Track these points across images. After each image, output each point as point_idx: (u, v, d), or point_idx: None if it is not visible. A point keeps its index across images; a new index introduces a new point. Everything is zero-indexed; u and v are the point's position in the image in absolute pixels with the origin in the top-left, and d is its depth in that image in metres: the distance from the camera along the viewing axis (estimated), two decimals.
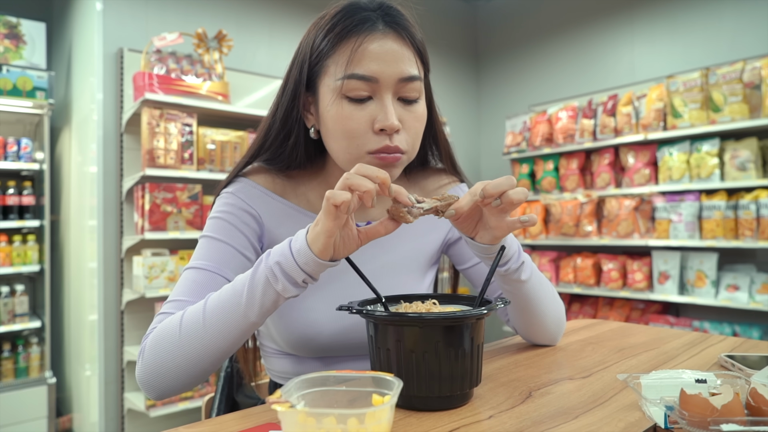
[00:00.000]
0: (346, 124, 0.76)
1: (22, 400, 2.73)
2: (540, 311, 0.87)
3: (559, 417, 0.61)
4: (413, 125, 0.79)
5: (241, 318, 0.67)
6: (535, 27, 4.19)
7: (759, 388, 0.51)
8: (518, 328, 0.94)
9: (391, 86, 0.76)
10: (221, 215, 0.82)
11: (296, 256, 0.65)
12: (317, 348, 0.84)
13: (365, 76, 0.75)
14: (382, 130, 0.75)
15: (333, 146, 0.80)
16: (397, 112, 0.77)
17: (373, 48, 0.75)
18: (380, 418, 0.44)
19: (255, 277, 0.67)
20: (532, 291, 0.83)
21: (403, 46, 0.77)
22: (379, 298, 0.70)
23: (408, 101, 0.78)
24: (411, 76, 0.77)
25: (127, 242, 2.60)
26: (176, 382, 0.70)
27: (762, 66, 2.73)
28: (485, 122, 4.57)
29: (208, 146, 2.71)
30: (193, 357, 0.69)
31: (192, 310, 0.70)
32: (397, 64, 0.76)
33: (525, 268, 0.81)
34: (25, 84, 2.77)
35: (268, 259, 0.67)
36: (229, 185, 0.85)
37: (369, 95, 0.76)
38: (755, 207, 2.73)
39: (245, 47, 3.15)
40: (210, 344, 0.68)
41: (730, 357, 0.80)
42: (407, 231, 0.91)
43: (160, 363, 0.69)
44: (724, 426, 0.46)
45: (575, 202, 3.48)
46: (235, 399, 0.99)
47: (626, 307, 3.39)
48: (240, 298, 0.67)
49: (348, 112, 0.76)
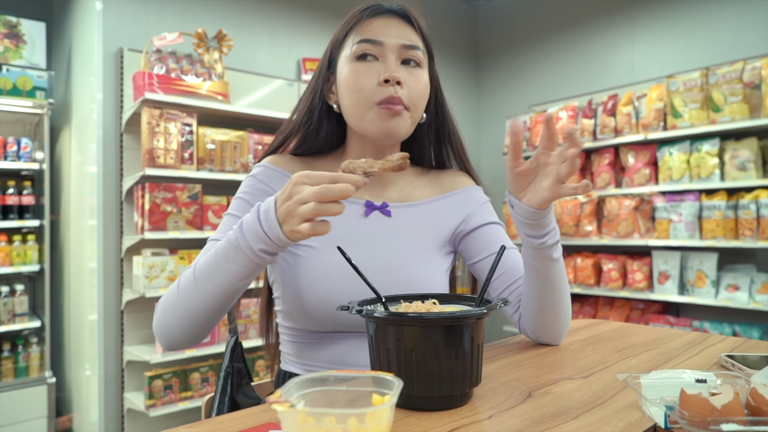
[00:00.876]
0: (357, 78, 0.88)
1: (22, 399, 2.73)
2: (558, 299, 0.88)
3: (559, 417, 0.61)
4: (414, 86, 0.89)
5: (223, 278, 0.74)
6: (535, 27, 4.19)
7: (759, 388, 0.51)
8: (529, 320, 0.92)
9: (395, 50, 0.89)
10: (242, 195, 0.92)
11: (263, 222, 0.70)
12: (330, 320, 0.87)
13: (372, 39, 0.88)
14: (386, 81, 0.86)
15: (346, 104, 0.91)
16: (400, 73, 0.88)
17: (380, 22, 0.90)
18: (380, 417, 0.44)
19: (229, 239, 0.74)
20: (557, 275, 0.86)
21: (408, 27, 0.91)
22: (379, 298, 0.70)
23: (409, 63, 0.90)
24: (412, 44, 0.90)
25: (126, 242, 2.60)
26: (181, 335, 0.80)
27: (762, 66, 2.73)
28: (485, 122, 4.56)
29: (208, 146, 2.71)
30: (191, 313, 0.78)
31: (188, 271, 0.79)
32: (401, 35, 0.90)
33: (558, 247, 0.85)
34: (25, 84, 2.77)
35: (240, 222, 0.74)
36: (253, 169, 0.95)
37: (376, 57, 0.89)
38: (755, 207, 2.73)
39: (245, 47, 3.15)
40: (202, 302, 0.77)
41: (730, 357, 0.80)
42: (426, 218, 0.97)
43: (166, 318, 0.80)
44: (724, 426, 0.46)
45: (575, 201, 3.48)
46: (235, 399, 0.99)
47: (626, 307, 3.38)
48: (220, 260, 0.74)
49: (357, 68, 0.88)
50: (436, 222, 0.97)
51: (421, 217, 0.97)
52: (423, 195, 1.00)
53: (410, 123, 0.90)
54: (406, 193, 0.99)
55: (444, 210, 0.99)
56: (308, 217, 0.65)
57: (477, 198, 1.02)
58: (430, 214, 0.98)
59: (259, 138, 2.88)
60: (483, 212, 1.00)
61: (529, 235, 0.83)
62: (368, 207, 0.94)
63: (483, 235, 0.97)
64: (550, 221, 0.82)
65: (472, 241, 0.98)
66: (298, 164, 0.96)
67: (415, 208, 0.97)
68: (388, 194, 0.97)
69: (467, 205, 1.00)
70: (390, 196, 0.97)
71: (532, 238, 0.83)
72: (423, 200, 0.99)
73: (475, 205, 1.01)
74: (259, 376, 2.68)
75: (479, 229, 0.98)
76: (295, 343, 0.94)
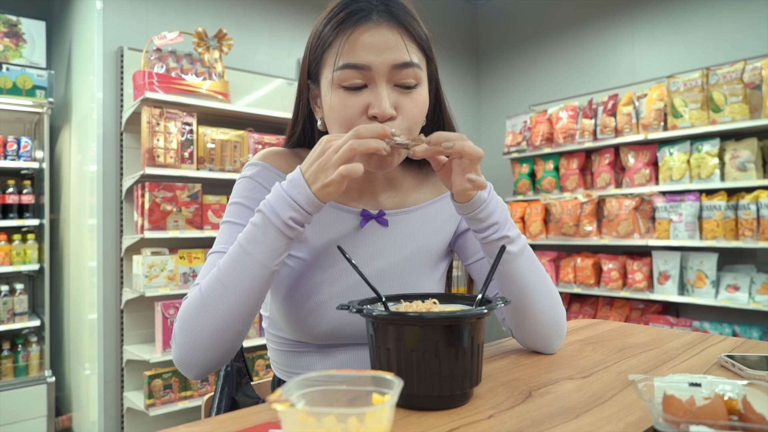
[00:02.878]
0: (341, 111, 0.77)
1: (22, 399, 2.72)
2: (531, 302, 0.83)
3: (559, 417, 0.61)
4: (411, 111, 0.79)
5: (255, 266, 0.71)
6: (535, 27, 4.18)
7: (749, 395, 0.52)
8: (510, 325, 0.91)
9: (385, 74, 0.77)
10: (239, 199, 0.85)
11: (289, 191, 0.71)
12: (321, 334, 0.85)
13: (357, 65, 0.76)
14: (374, 117, 0.76)
15: (332, 132, 0.82)
16: (393, 98, 0.77)
17: (365, 37, 0.76)
18: (380, 417, 0.44)
19: (254, 222, 0.72)
20: (520, 275, 0.81)
21: (397, 35, 0.77)
22: (379, 297, 0.70)
23: (405, 87, 0.78)
24: (405, 63, 0.77)
25: (126, 241, 2.60)
26: (212, 353, 0.73)
27: (762, 66, 2.73)
28: (485, 122, 4.56)
29: (208, 145, 2.71)
30: (223, 320, 0.72)
31: (208, 278, 0.74)
32: (390, 51, 0.76)
33: (515, 244, 0.80)
34: (25, 82, 2.77)
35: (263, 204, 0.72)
36: (246, 169, 0.88)
37: (363, 83, 0.77)
38: (755, 207, 2.73)
39: (245, 46, 3.15)
40: (235, 302, 0.71)
41: (730, 357, 0.80)
42: (424, 224, 0.94)
43: (193, 337, 0.72)
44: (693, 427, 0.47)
45: (575, 201, 3.48)
46: (235, 398, 0.98)
47: (626, 307, 3.38)
48: (247, 246, 0.71)
49: (343, 100, 0.77)
50: (433, 229, 0.94)
51: (418, 224, 0.93)
52: (419, 198, 0.96)
53: (405, 152, 0.80)
54: (401, 198, 0.95)
55: (441, 214, 0.96)
56: (345, 159, 0.67)
57: None
58: (427, 220, 0.94)
59: (259, 137, 2.88)
60: None
61: (473, 229, 0.81)
62: (364, 217, 0.89)
63: None
64: (488, 214, 0.78)
65: (468, 240, 0.96)
66: (293, 160, 0.91)
67: (411, 215, 0.94)
68: (383, 201, 0.93)
69: None
70: (385, 203, 0.93)
71: (476, 233, 0.81)
72: (419, 205, 0.95)
73: None
74: (258, 375, 2.68)
75: None
76: (282, 352, 0.92)
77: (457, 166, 0.75)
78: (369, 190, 0.92)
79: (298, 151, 0.94)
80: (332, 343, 0.87)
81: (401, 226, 0.92)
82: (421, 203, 0.95)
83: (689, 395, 0.52)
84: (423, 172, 1.00)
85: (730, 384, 0.56)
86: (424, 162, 0.98)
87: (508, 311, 0.88)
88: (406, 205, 0.94)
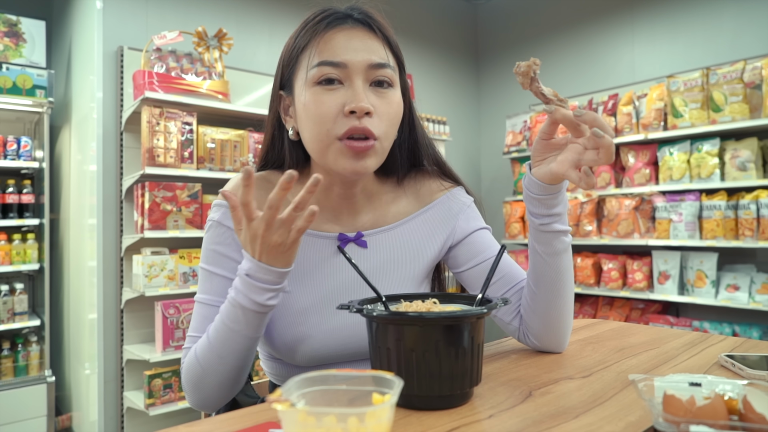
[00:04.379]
0: (318, 108, 0.77)
1: (22, 398, 2.73)
2: (563, 296, 0.83)
3: (560, 416, 0.61)
4: (386, 110, 0.79)
5: (240, 338, 0.74)
6: (535, 27, 4.18)
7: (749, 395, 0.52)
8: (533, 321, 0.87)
9: (361, 72, 0.77)
10: (210, 246, 0.84)
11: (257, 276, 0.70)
12: (306, 360, 0.84)
13: (334, 62, 0.77)
14: (352, 112, 0.76)
15: (306, 136, 0.81)
16: (369, 98, 0.77)
17: (341, 36, 0.78)
18: (381, 417, 0.44)
19: (232, 302, 0.73)
20: (562, 269, 0.82)
21: (373, 38, 0.80)
22: (379, 297, 0.70)
23: (380, 85, 0.79)
24: (381, 63, 0.79)
25: (126, 241, 2.60)
26: (220, 398, 0.80)
27: (762, 66, 2.73)
28: (485, 122, 4.56)
29: (207, 145, 2.71)
30: (223, 380, 0.77)
31: (201, 345, 0.77)
32: (367, 51, 0.78)
33: (564, 239, 0.81)
34: (25, 82, 2.77)
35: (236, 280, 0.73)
36: (212, 211, 0.86)
37: (340, 80, 0.77)
38: (755, 207, 2.73)
39: (245, 46, 3.15)
40: (229, 367, 0.76)
41: (729, 357, 0.80)
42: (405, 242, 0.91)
43: (202, 397, 0.79)
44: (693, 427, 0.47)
45: (575, 201, 3.48)
46: (235, 398, 0.98)
47: (626, 307, 3.39)
48: (229, 323, 0.73)
49: (319, 97, 0.77)
50: (416, 246, 0.91)
51: (398, 240, 0.90)
52: (399, 212, 0.92)
53: (381, 154, 0.80)
54: (380, 215, 0.91)
55: (424, 229, 0.92)
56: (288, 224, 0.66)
57: (458, 205, 0.94)
58: (409, 237, 0.91)
59: (259, 137, 2.88)
60: (467, 219, 0.94)
61: (532, 212, 0.81)
62: (341, 241, 0.86)
63: (470, 243, 0.92)
64: (557, 203, 0.79)
65: (459, 250, 0.93)
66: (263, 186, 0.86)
67: (391, 232, 0.90)
68: (361, 221, 0.89)
69: (448, 220, 0.93)
70: (363, 223, 0.89)
71: (534, 217, 0.81)
72: (400, 221, 0.91)
73: (457, 215, 0.94)
74: (258, 375, 2.68)
75: (466, 239, 0.93)
76: (275, 365, 0.91)
77: (575, 152, 0.74)
78: (347, 208, 0.89)
79: (268, 176, 0.89)
80: (324, 364, 0.86)
81: (381, 247, 0.89)
82: (401, 218, 0.92)
83: (689, 395, 0.52)
84: (404, 184, 0.96)
85: (731, 384, 0.56)
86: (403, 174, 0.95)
87: (534, 307, 0.85)
88: (386, 222, 0.91)
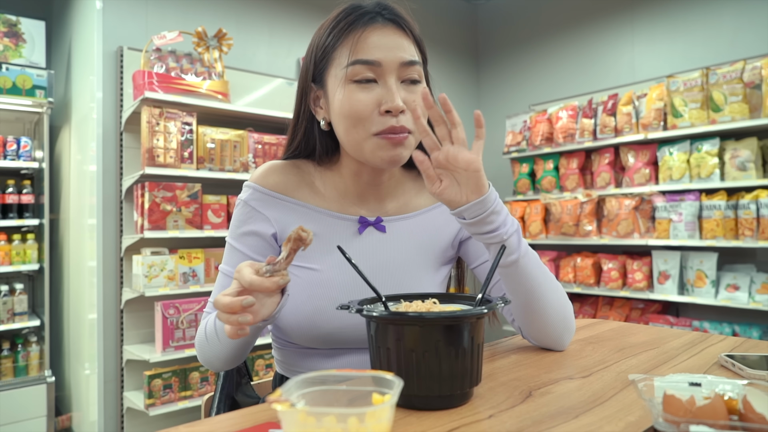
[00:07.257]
0: (354, 106, 0.81)
1: (22, 398, 2.72)
2: (540, 301, 0.83)
3: (560, 416, 0.61)
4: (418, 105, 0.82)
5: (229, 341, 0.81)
6: (535, 27, 4.18)
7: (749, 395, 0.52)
8: (521, 324, 0.90)
9: (394, 70, 0.82)
10: (236, 223, 0.91)
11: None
12: (321, 338, 0.86)
13: (369, 61, 0.81)
14: (387, 111, 0.80)
15: (340, 131, 0.85)
16: (402, 94, 0.82)
17: (375, 36, 0.82)
18: (380, 417, 0.44)
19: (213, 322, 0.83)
20: (526, 276, 0.81)
21: (402, 36, 0.84)
22: (379, 297, 0.70)
23: (411, 82, 0.84)
24: (411, 61, 0.83)
25: (126, 241, 2.60)
26: (223, 367, 0.88)
27: (762, 66, 2.73)
28: (485, 121, 4.55)
29: (207, 145, 2.71)
30: (222, 355, 0.84)
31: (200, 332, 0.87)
32: (398, 50, 0.83)
33: (516, 248, 0.79)
34: (25, 82, 2.77)
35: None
36: (242, 191, 0.92)
37: (374, 79, 0.82)
38: (755, 207, 2.73)
39: (245, 46, 3.15)
40: (224, 351, 0.83)
41: (729, 357, 0.80)
42: (422, 229, 0.94)
43: (207, 359, 0.87)
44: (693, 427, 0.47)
45: (575, 201, 3.48)
46: (235, 398, 0.98)
47: (626, 307, 3.38)
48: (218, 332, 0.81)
49: (355, 95, 0.81)
50: (432, 233, 0.95)
51: (417, 229, 0.94)
52: (420, 203, 0.97)
53: (414, 145, 0.85)
54: (403, 204, 0.96)
55: (441, 219, 0.97)
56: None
57: None
58: (427, 225, 0.95)
59: (258, 137, 2.87)
60: None
61: (472, 233, 0.80)
62: (362, 223, 0.91)
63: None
64: (490, 221, 0.77)
65: (471, 245, 0.97)
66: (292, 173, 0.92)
67: (411, 220, 0.95)
68: (386, 207, 0.95)
69: None
70: (387, 209, 0.94)
71: (475, 235, 0.80)
72: (420, 210, 0.96)
73: None
74: (258, 375, 2.68)
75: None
76: (288, 352, 0.93)
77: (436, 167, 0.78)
78: (373, 195, 0.94)
79: (298, 163, 0.94)
80: (336, 347, 0.88)
81: (399, 232, 0.93)
82: (421, 209, 0.97)
83: (689, 395, 0.52)
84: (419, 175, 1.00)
85: (730, 384, 0.56)
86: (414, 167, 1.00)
87: (517, 311, 0.87)
88: (407, 211, 0.96)
